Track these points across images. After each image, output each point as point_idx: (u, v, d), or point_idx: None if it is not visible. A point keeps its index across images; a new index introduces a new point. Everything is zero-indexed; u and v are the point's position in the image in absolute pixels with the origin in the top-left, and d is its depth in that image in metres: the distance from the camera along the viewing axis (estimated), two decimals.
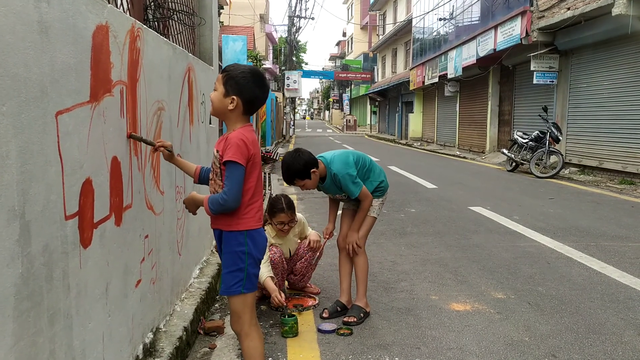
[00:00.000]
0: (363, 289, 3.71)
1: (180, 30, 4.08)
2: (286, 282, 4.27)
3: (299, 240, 4.19)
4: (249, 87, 2.41)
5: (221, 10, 22.38)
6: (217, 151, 2.43)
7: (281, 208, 3.93)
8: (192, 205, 2.57)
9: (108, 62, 2.26)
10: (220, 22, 21.45)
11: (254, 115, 15.18)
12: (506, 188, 10.10)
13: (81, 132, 1.98)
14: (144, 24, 3.01)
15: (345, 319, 3.58)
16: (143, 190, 2.77)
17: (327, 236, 3.91)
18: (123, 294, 2.46)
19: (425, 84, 24.63)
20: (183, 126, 3.72)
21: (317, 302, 3.93)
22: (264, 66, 26.80)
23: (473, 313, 3.68)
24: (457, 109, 21.81)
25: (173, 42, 3.74)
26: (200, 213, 2.72)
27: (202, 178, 2.72)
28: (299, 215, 4.15)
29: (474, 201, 8.37)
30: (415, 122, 28.88)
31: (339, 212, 3.89)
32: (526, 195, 9.13)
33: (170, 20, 4.03)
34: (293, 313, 3.61)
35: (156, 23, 3.76)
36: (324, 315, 3.67)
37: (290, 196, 4.11)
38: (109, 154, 2.27)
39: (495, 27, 15.35)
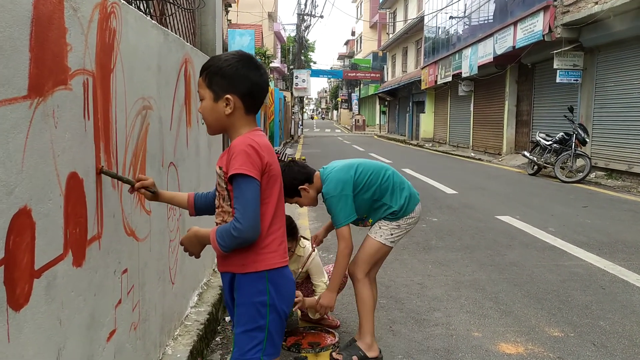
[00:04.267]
0: (365, 327, 3.00)
1: (172, 12, 3.45)
2: (299, 312, 3.64)
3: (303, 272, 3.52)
4: (241, 76, 1.81)
5: (229, 9, 21.79)
6: (220, 168, 1.82)
7: None
8: (194, 245, 1.93)
9: (62, 44, 1.63)
10: (227, 20, 20.88)
11: (262, 115, 14.52)
12: (532, 194, 9.41)
13: (11, 140, 1.36)
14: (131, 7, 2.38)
15: (334, 355, 2.96)
16: (120, 212, 2.14)
17: (315, 244, 3.34)
18: (87, 356, 1.83)
19: (438, 83, 23.91)
20: (178, 129, 3.10)
21: (337, 339, 3.29)
22: (272, 65, 26.20)
23: (528, 358, 3.03)
24: (472, 108, 21.08)
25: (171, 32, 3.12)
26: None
27: (199, 206, 2.10)
28: (310, 251, 3.47)
29: (500, 209, 7.70)
30: (427, 122, 28.16)
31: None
32: (555, 202, 8.44)
33: (164, 4, 3.42)
34: (307, 354, 2.97)
35: (147, 6, 3.13)
36: (337, 357, 3.02)
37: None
38: (63, 170, 1.64)
39: (515, 24, 14.63)
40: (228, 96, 1.80)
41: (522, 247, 5.52)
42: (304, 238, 3.53)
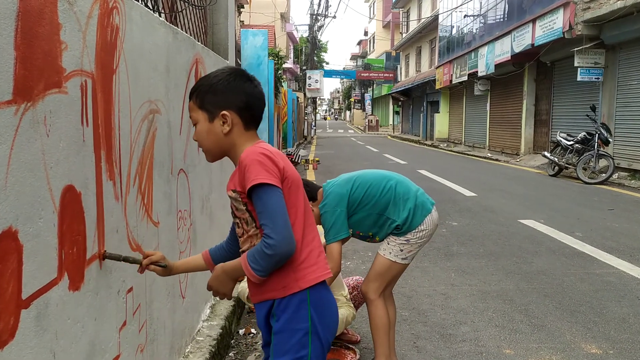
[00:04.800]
0: (379, 350, 2.77)
1: (182, 9, 3.27)
2: None
3: None
4: (234, 89, 1.64)
5: (241, 10, 21.66)
6: (234, 191, 1.62)
7: None
8: (225, 283, 1.68)
9: (55, 41, 1.45)
10: (240, 21, 20.75)
11: (275, 116, 14.32)
12: (554, 196, 9.12)
13: None
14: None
15: None
16: (124, 226, 1.96)
17: None
18: None
19: (453, 82, 23.58)
20: (188, 133, 2.92)
21: (357, 356, 3.08)
22: (284, 65, 26.05)
23: None
24: (488, 108, 20.73)
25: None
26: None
27: (218, 259, 1.88)
28: None
29: (523, 212, 7.44)
30: (442, 122, 27.82)
31: None
32: (580, 205, 8.15)
33: (173, 1, 3.24)
34: None
35: (154, 3, 2.96)
36: None
37: None
38: (57, 184, 1.46)
39: (533, 21, 14.30)
40: (224, 112, 1.63)
41: (549, 253, 5.27)
42: None
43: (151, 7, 2.77)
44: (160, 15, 2.71)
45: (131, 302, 2.04)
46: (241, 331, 3.58)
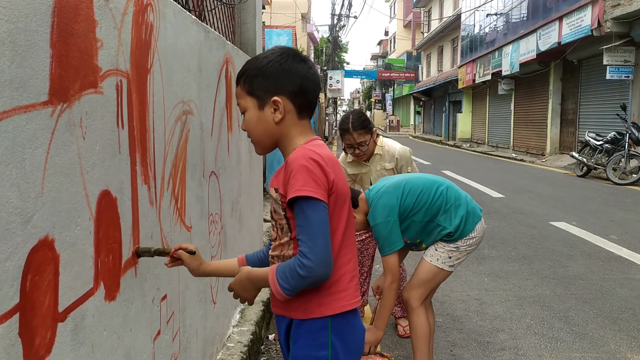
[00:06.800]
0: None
1: (213, 7, 3.20)
2: None
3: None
4: (286, 72, 1.46)
5: (262, 10, 21.69)
6: (276, 190, 1.46)
7: (346, 128, 3.08)
8: (248, 290, 1.54)
9: (91, 39, 1.38)
10: (262, 22, 20.74)
11: None
12: (585, 197, 8.89)
13: (27, 157, 1.10)
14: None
15: None
16: (158, 231, 1.89)
17: (377, 294, 2.93)
18: None
19: (476, 82, 23.27)
20: (219, 135, 2.85)
21: None
22: None
23: None
24: (512, 107, 20.41)
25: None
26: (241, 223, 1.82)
27: (255, 264, 1.72)
28: (392, 145, 3.29)
29: (554, 214, 7.24)
30: (464, 122, 27.49)
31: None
32: (612, 206, 7.92)
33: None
34: None
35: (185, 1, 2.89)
36: None
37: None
38: (93, 189, 1.39)
39: (560, 19, 14.01)
40: (275, 98, 1.45)
41: (584, 257, 5.10)
42: (384, 135, 3.30)
43: (181, 4, 2.71)
44: (190, 13, 2.65)
45: (165, 310, 1.97)
46: (271, 337, 3.51)
